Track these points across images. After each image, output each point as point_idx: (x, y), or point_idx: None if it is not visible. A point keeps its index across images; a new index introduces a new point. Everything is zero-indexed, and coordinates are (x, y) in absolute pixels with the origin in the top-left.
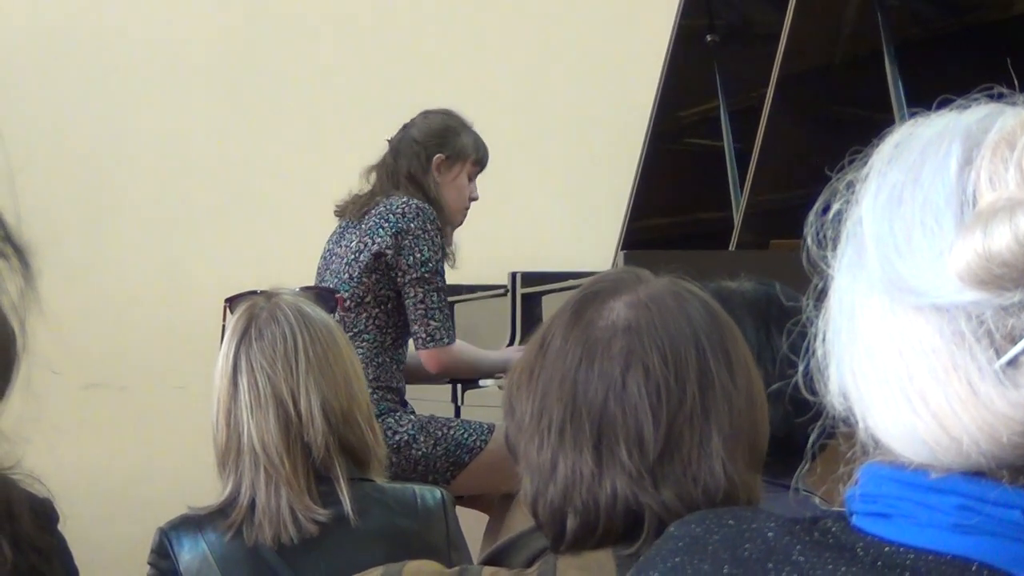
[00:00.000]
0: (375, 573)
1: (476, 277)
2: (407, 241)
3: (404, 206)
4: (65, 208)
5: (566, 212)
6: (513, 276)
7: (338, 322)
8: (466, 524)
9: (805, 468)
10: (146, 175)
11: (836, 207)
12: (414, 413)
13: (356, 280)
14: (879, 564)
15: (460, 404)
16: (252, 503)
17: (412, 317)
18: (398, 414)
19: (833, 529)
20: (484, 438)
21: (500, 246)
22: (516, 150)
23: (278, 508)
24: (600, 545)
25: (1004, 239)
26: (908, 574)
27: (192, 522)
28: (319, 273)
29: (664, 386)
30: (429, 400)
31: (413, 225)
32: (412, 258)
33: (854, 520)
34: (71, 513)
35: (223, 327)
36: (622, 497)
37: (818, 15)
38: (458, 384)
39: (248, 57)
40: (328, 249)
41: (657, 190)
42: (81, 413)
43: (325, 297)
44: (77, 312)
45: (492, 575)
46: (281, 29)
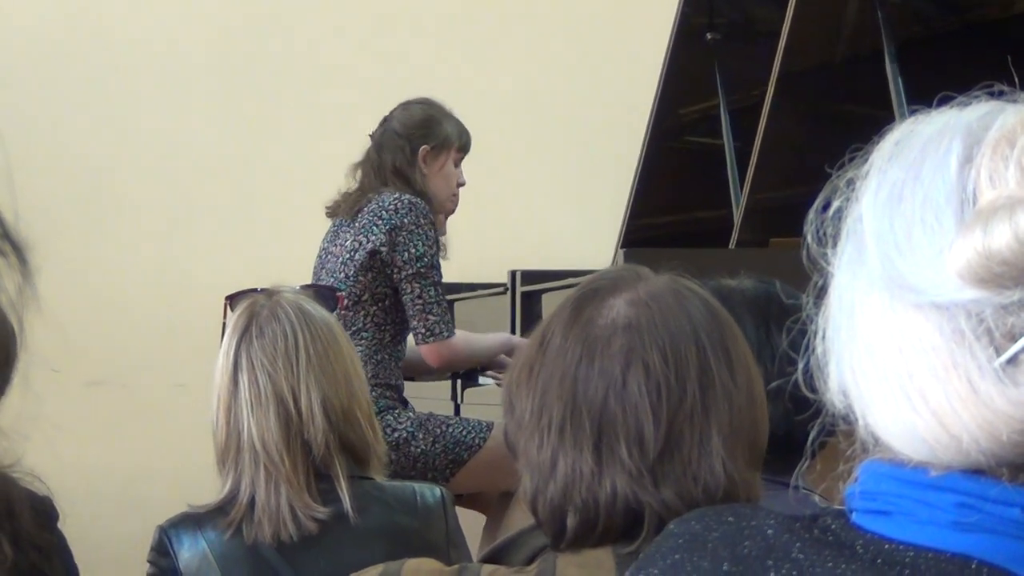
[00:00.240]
0: (375, 571)
1: (476, 275)
2: (401, 237)
3: (396, 202)
4: (64, 206)
5: (566, 210)
6: (513, 274)
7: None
8: (465, 523)
9: (805, 466)
10: (146, 173)
11: (836, 204)
12: (413, 411)
13: (352, 279)
14: (879, 562)
15: (459, 402)
16: (252, 501)
17: (410, 313)
18: (397, 411)
19: (833, 527)
20: (483, 436)
21: (500, 244)
22: (516, 148)
23: (278, 506)
24: (600, 543)
25: (1004, 237)
26: (908, 572)
27: (192, 520)
28: (315, 273)
29: (664, 384)
30: (428, 398)
31: (406, 221)
32: (407, 254)
33: (854, 518)
34: (71, 511)
35: (223, 325)
36: (622, 496)
37: (818, 13)
38: (457, 382)
39: (247, 56)
40: (323, 248)
41: (657, 188)
42: (81, 411)
43: (326, 295)
44: (77, 310)
45: (491, 573)
46: (280, 29)
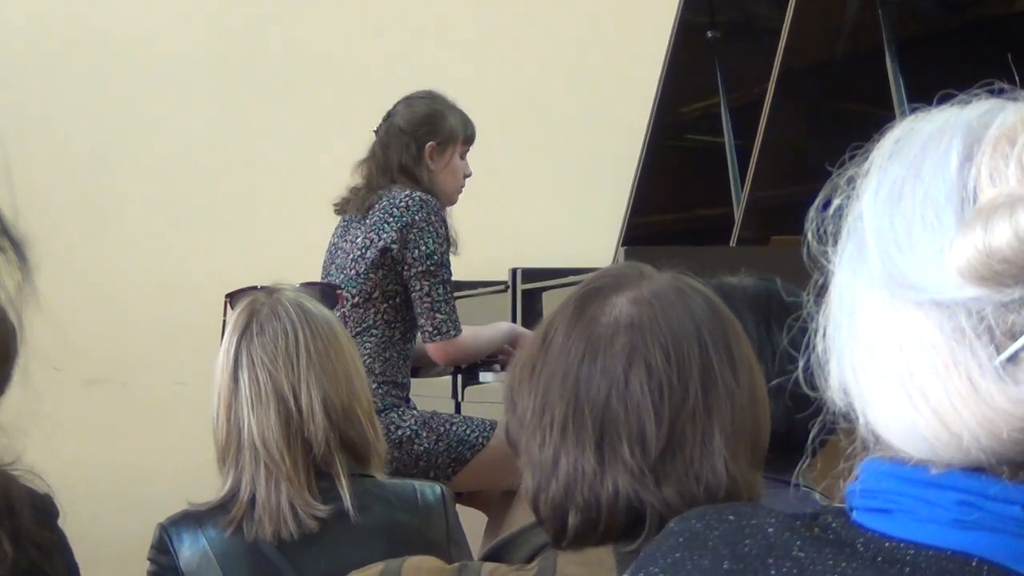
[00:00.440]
0: (375, 569)
1: (477, 273)
2: (412, 235)
3: (408, 199)
4: (64, 204)
5: (567, 208)
6: (514, 272)
7: (339, 318)
8: (466, 521)
9: (805, 464)
10: (146, 171)
11: (837, 202)
12: (416, 409)
13: (363, 276)
14: (879, 560)
15: (460, 400)
16: (252, 499)
17: (418, 310)
18: (401, 409)
19: (833, 525)
20: (486, 435)
21: (501, 242)
22: (517, 146)
23: (278, 504)
24: (601, 542)
25: (1004, 235)
26: (908, 570)
27: (192, 518)
28: (324, 267)
29: (667, 384)
30: (429, 396)
31: (418, 218)
32: (417, 251)
33: (854, 516)
34: (71, 509)
35: (224, 323)
36: (624, 495)
37: (819, 11)
38: (458, 379)
39: (247, 55)
40: (333, 243)
41: (658, 186)
42: (81, 409)
43: (326, 293)
44: (77, 308)
45: (492, 571)
46: (280, 28)
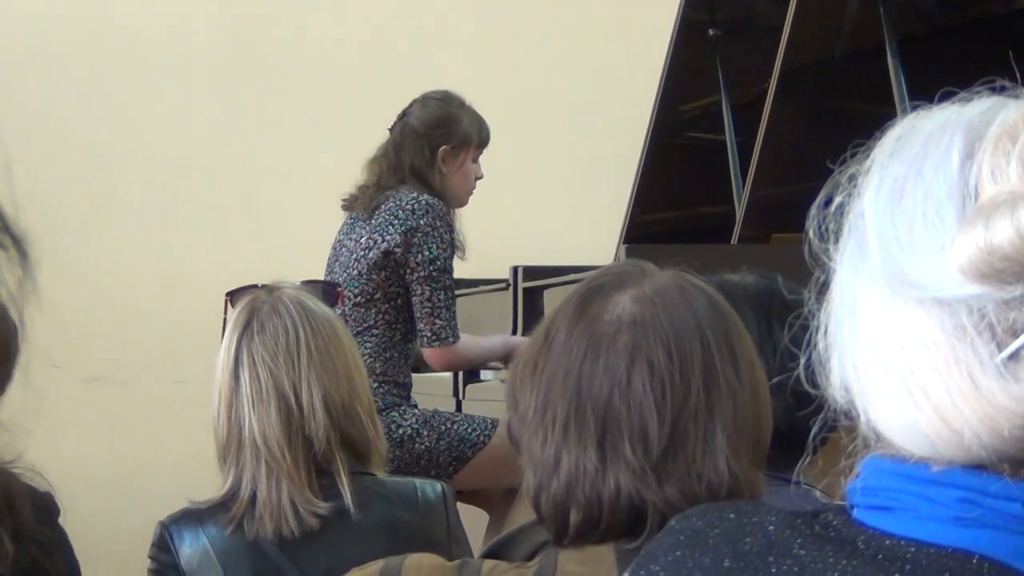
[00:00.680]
0: (376, 566)
1: (478, 271)
2: (416, 239)
3: (414, 202)
4: (65, 200)
5: (568, 206)
6: (515, 270)
7: (340, 316)
8: (467, 520)
9: (806, 461)
10: (147, 168)
11: (838, 200)
12: (417, 407)
13: (365, 276)
14: (880, 557)
15: (461, 398)
16: (253, 496)
17: (418, 315)
18: (402, 408)
19: (834, 522)
20: (487, 433)
21: (502, 240)
22: (518, 144)
23: (279, 501)
24: (603, 540)
25: (1005, 233)
26: (909, 567)
27: (193, 515)
28: (329, 264)
29: (669, 382)
30: (430, 394)
31: (423, 222)
32: (421, 256)
33: (855, 513)
34: (72, 507)
35: (224, 321)
36: (625, 493)
37: (820, 9)
38: (459, 377)
39: (248, 50)
40: (338, 240)
41: (659, 184)
42: (82, 407)
43: (326, 291)
44: (77, 306)
45: (492, 568)
46: (282, 22)
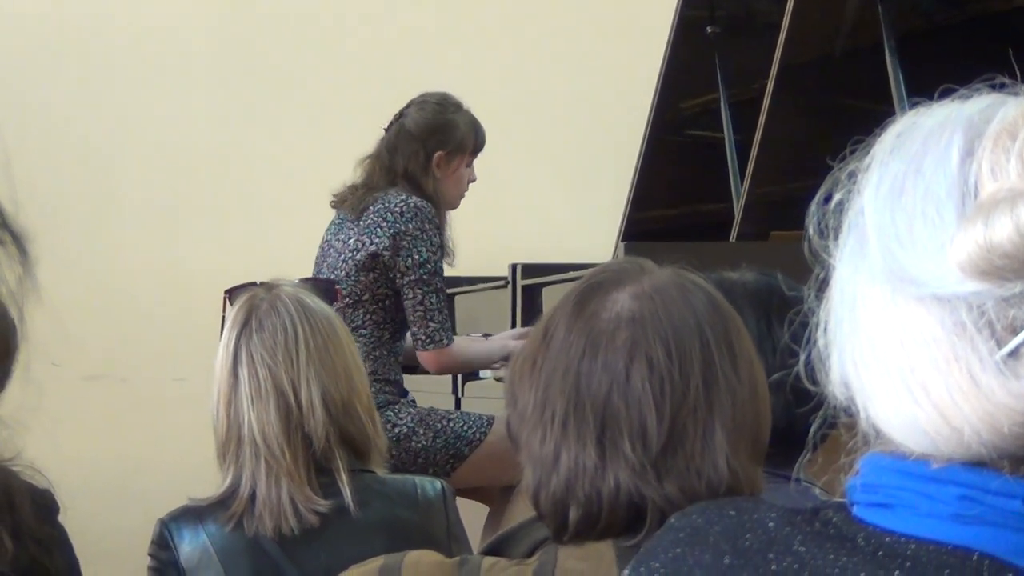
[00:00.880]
0: (376, 563)
1: (476, 269)
2: (405, 242)
3: (402, 204)
4: (64, 198)
5: (566, 203)
6: (513, 268)
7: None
8: (466, 516)
9: (806, 458)
10: (147, 165)
11: (838, 197)
12: (414, 405)
13: (353, 278)
14: (880, 554)
15: (460, 396)
16: (252, 494)
17: (411, 319)
18: (397, 406)
19: (834, 519)
20: (484, 430)
21: (500, 238)
22: (516, 141)
23: (279, 499)
24: (602, 537)
25: (1005, 230)
26: (909, 564)
27: (192, 513)
28: (316, 264)
29: (668, 379)
30: (429, 392)
31: (411, 226)
32: (411, 259)
33: (855, 510)
34: (71, 504)
35: (223, 319)
36: (625, 490)
37: (819, 6)
38: (457, 376)
39: (247, 46)
40: (326, 240)
41: (658, 181)
42: (81, 405)
43: (325, 289)
44: (77, 303)
45: (492, 565)
46: (280, 19)
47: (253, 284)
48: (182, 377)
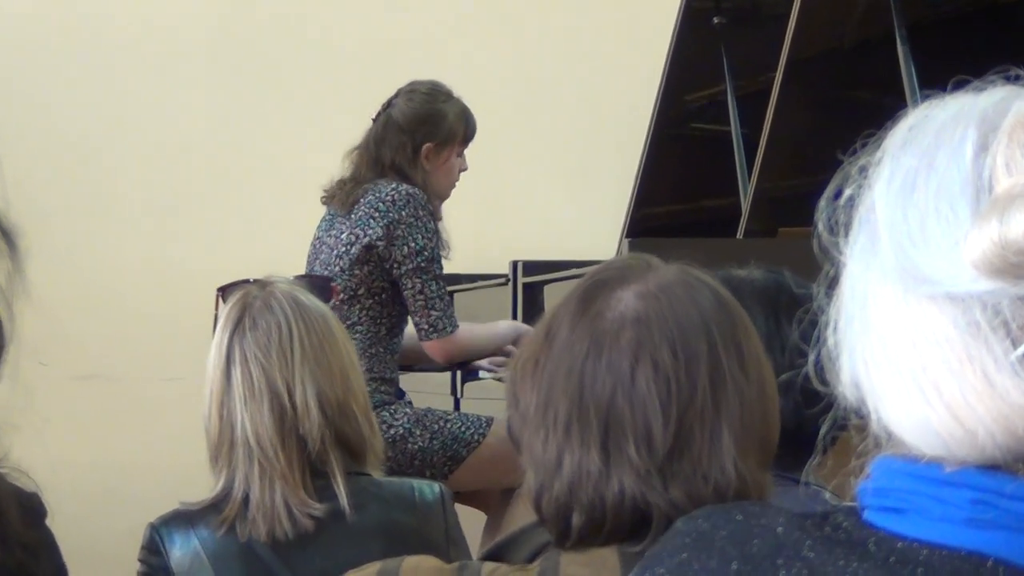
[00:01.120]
0: (372, 569)
1: (476, 266)
2: (399, 231)
3: (394, 193)
4: (55, 194)
5: (569, 199)
6: (514, 265)
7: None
8: (465, 521)
9: (815, 461)
10: (138, 161)
11: (848, 192)
12: (411, 405)
13: (348, 272)
14: (892, 560)
15: (459, 396)
16: (246, 498)
17: (412, 309)
18: (393, 407)
19: (844, 524)
20: (482, 432)
21: (501, 234)
22: (517, 136)
23: (272, 503)
24: (606, 543)
25: (1021, 227)
26: (921, 570)
27: (184, 517)
28: (309, 262)
29: (674, 381)
30: (427, 392)
31: (404, 214)
32: (406, 248)
33: (866, 515)
34: (59, 508)
35: (215, 317)
36: (630, 495)
37: None
38: (457, 375)
39: (240, 43)
40: (317, 237)
41: (662, 176)
42: (70, 405)
43: (320, 286)
44: (67, 301)
45: (492, 571)
46: (274, 14)
47: (246, 281)
48: (174, 377)
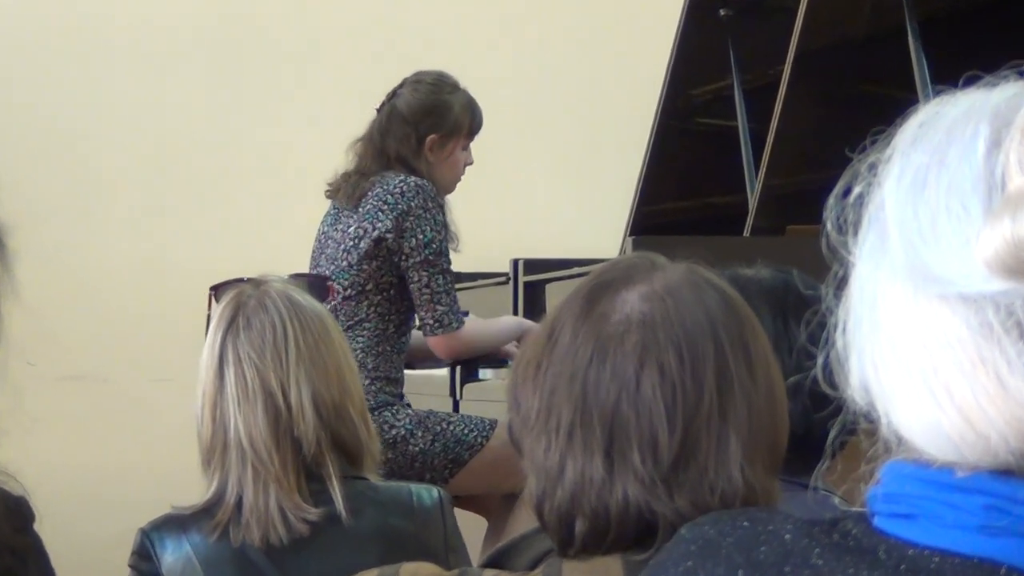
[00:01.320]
0: (370, 575)
1: (476, 264)
2: (409, 223)
3: (402, 185)
4: (44, 192)
5: (571, 196)
6: (515, 263)
7: (330, 311)
8: (465, 527)
9: (824, 466)
10: (129, 159)
11: (857, 190)
12: (411, 408)
13: (356, 267)
14: (902, 568)
15: (459, 398)
16: (239, 502)
17: (418, 302)
18: (395, 407)
19: (854, 531)
20: (485, 435)
21: (501, 232)
22: (519, 131)
23: (266, 507)
24: (610, 551)
25: None
26: None
27: (176, 522)
28: (314, 257)
29: (680, 387)
30: (426, 394)
31: (414, 204)
32: (415, 240)
33: (876, 521)
34: (48, 512)
35: (208, 317)
36: (634, 504)
37: None
38: (456, 376)
39: (234, 39)
40: (323, 232)
41: (667, 173)
42: (59, 406)
43: (316, 285)
44: (56, 300)
45: None
46: (268, 9)
47: (240, 280)
48: (165, 378)
